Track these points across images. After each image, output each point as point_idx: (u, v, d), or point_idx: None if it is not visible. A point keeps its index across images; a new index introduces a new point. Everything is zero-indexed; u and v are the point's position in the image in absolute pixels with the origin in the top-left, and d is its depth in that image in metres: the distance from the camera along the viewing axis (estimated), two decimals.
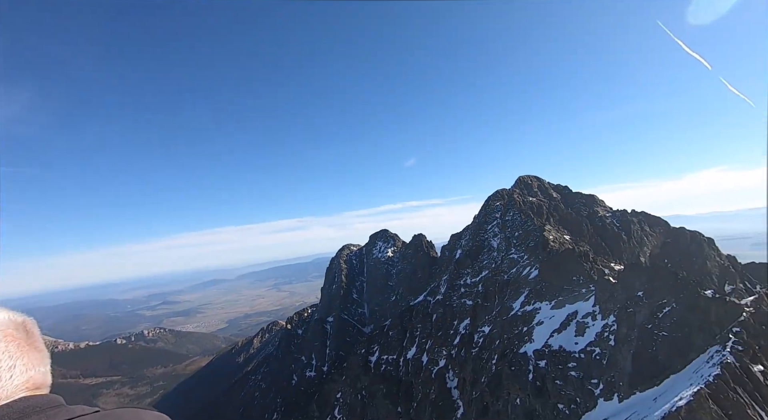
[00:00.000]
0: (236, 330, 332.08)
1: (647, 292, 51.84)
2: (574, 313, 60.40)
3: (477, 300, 79.51)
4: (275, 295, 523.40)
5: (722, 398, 31.42)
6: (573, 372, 52.44)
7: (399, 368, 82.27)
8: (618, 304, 54.27)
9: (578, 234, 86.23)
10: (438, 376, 71.91)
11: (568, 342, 56.71)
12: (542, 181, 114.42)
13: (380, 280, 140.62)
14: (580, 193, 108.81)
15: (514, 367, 57.27)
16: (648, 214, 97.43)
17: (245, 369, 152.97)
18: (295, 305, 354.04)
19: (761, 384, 33.93)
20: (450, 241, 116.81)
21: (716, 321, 44.24)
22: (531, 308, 66.78)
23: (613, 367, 49.28)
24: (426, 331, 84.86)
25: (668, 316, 47.50)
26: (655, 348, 46.18)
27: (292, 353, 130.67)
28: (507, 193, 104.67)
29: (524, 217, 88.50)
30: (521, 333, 63.61)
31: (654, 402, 38.99)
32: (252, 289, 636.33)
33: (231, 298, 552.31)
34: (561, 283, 66.67)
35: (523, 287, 72.96)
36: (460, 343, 73.93)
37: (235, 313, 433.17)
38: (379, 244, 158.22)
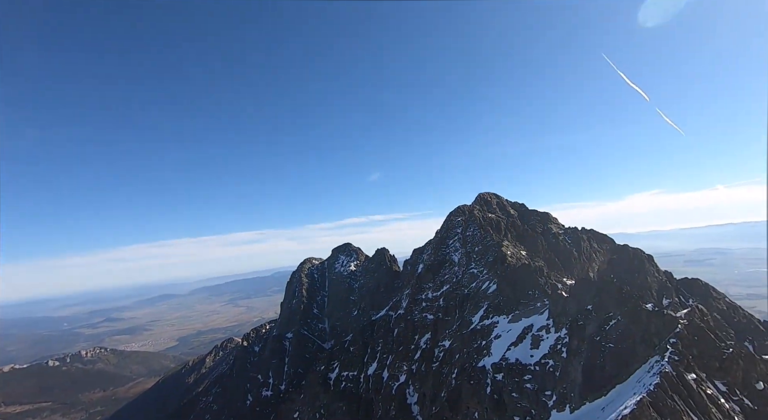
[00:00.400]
0: (187, 348, 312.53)
1: (596, 305, 54.90)
2: (530, 326, 62.59)
3: (438, 314, 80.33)
4: (231, 311, 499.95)
5: (661, 406, 33.56)
6: (528, 384, 54.00)
7: (359, 385, 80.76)
8: (570, 317, 56.95)
9: (534, 250, 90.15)
10: (398, 392, 71.30)
11: (524, 355, 58.48)
12: (501, 198, 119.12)
13: (342, 295, 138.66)
14: (536, 211, 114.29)
15: (473, 382, 58.03)
16: (596, 231, 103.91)
17: (196, 390, 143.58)
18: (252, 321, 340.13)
19: (694, 391, 36.65)
20: (412, 255, 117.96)
21: (656, 332, 47.57)
22: (489, 322, 68.42)
23: (565, 379, 51.29)
24: (387, 346, 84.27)
25: (614, 328, 50.45)
26: (602, 359, 48.72)
27: (248, 372, 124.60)
28: (468, 209, 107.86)
29: (484, 233, 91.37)
30: (480, 347, 64.82)
31: (602, 411, 40.87)
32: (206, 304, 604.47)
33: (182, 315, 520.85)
34: (518, 297, 69.07)
35: (482, 301, 74.75)
36: (421, 357, 74.03)
37: (187, 330, 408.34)
38: (341, 258, 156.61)
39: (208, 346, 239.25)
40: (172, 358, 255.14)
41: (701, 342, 46.52)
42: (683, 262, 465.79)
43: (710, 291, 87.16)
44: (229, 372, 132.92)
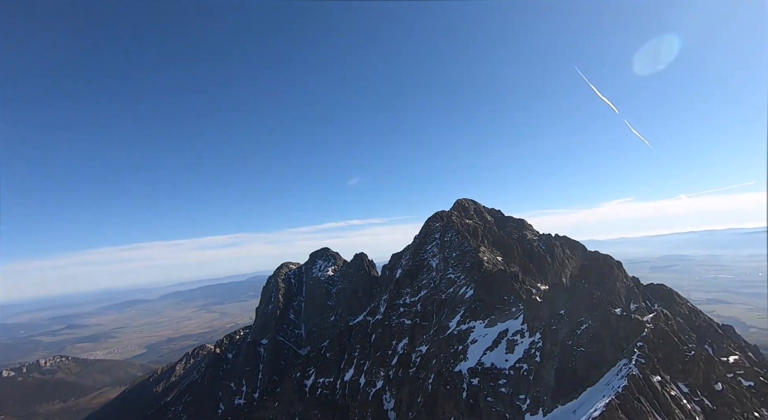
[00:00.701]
0: (156, 356, 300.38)
1: (568, 310, 56.47)
2: (505, 331, 63.65)
3: (415, 319, 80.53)
4: (204, 317, 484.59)
5: (629, 408, 34.74)
6: (503, 388, 54.77)
7: (336, 391, 79.72)
8: (543, 322, 58.30)
9: (510, 255, 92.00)
10: (375, 397, 70.80)
11: (499, 359, 59.35)
12: (478, 205, 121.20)
13: (319, 300, 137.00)
14: (512, 218, 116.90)
15: (449, 386, 58.34)
16: (569, 238, 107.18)
17: (164, 399, 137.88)
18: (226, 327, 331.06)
19: (659, 393, 38.15)
20: (391, 260, 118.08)
21: (624, 336, 49.33)
22: (466, 327, 69.14)
23: (538, 383, 52.34)
24: (364, 352, 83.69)
25: (585, 332, 51.98)
26: (574, 362, 50.05)
27: (220, 379, 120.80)
28: (446, 215, 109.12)
29: (461, 239, 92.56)
30: (457, 352, 65.35)
31: (573, 414, 41.92)
32: (177, 310, 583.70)
33: (151, 321, 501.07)
34: (494, 302, 70.19)
35: (459, 306, 75.50)
36: (398, 363, 73.89)
37: (156, 337, 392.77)
38: (319, 263, 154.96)
39: (178, 353, 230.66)
40: (140, 366, 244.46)
41: (666, 345, 48.57)
42: (649, 269, 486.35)
43: (674, 296, 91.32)
44: (200, 380, 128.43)
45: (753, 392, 50.98)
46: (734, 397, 43.26)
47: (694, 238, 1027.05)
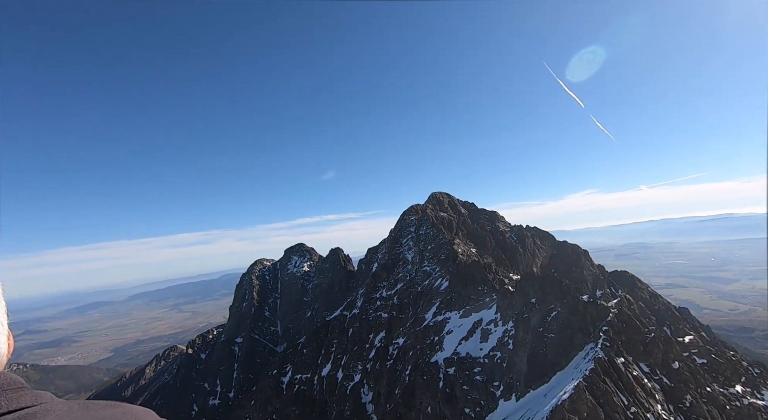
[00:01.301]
0: (124, 359, 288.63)
1: (539, 298, 58.50)
2: (480, 320, 65.27)
3: (392, 312, 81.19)
4: (174, 317, 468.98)
5: (595, 389, 36.52)
6: (478, 376, 56.29)
7: (313, 387, 79.44)
8: (516, 311, 60.17)
9: (483, 247, 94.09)
10: (353, 391, 71.11)
11: (474, 348, 60.87)
12: (452, 198, 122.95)
13: (295, 296, 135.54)
14: (485, 210, 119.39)
15: (426, 377, 59.36)
16: (539, 229, 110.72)
17: (134, 403, 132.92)
18: (198, 327, 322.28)
19: (623, 373, 40.30)
20: (367, 254, 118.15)
21: (591, 321, 51.70)
22: (442, 318, 70.37)
23: (511, 369, 54.14)
24: (342, 347, 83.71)
25: (555, 319, 54.08)
26: (545, 349, 52.04)
27: (194, 381, 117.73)
28: (421, 209, 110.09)
29: (436, 232, 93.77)
30: (433, 343, 66.47)
31: (544, 398, 43.65)
32: (145, 311, 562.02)
33: (118, 323, 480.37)
34: (468, 293, 71.73)
35: (435, 298, 76.69)
36: (376, 356, 74.39)
37: (123, 339, 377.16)
38: (294, 259, 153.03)
39: (148, 355, 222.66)
40: (106, 370, 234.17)
41: (628, 328, 51.26)
42: (614, 257, 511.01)
43: (636, 282, 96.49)
44: (172, 382, 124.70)
45: (706, 369, 54.85)
46: (689, 374, 46.37)
47: (654, 227, 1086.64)
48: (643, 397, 38.75)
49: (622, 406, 36.03)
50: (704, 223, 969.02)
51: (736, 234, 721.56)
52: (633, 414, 35.36)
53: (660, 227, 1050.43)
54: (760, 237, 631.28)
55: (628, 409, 35.84)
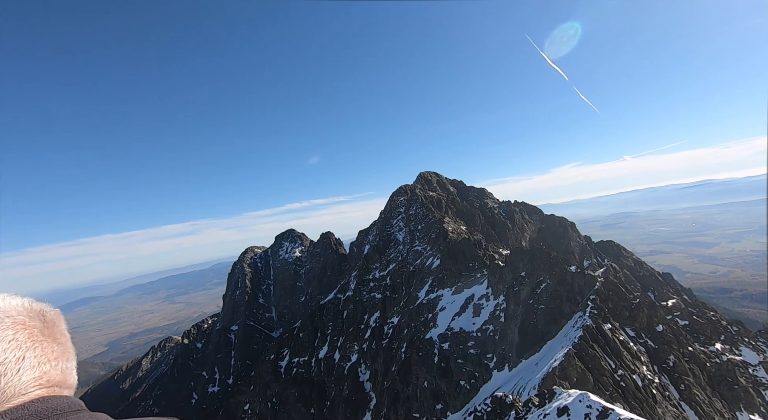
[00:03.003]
0: (119, 353, 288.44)
1: (528, 271, 59.65)
2: (471, 296, 66.48)
3: (386, 293, 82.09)
4: (168, 309, 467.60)
5: (584, 355, 37.81)
6: (472, 350, 57.77)
7: (311, 369, 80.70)
8: (506, 285, 61.36)
9: (472, 224, 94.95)
10: (350, 371, 72.49)
11: (467, 323, 62.21)
12: (440, 177, 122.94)
13: (288, 282, 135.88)
14: (473, 187, 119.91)
15: (421, 353, 60.68)
16: (527, 204, 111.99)
17: (132, 396, 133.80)
18: (192, 317, 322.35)
19: (610, 339, 41.75)
20: (358, 237, 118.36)
21: (579, 291, 53.08)
22: (434, 296, 71.47)
23: (504, 341, 55.63)
24: (337, 329, 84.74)
25: (545, 291, 55.37)
26: (535, 319, 53.45)
27: (191, 370, 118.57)
28: (410, 189, 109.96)
29: (426, 211, 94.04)
30: (427, 320, 67.69)
31: (536, 366, 45.12)
32: (138, 304, 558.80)
33: (110, 317, 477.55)
34: (460, 270, 72.72)
35: (427, 277, 77.62)
36: (371, 336, 75.59)
37: (117, 333, 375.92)
38: (285, 245, 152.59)
39: (143, 348, 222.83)
40: (102, 364, 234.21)
41: (615, 295, 52.82)
42: (600, 227, 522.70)
43: (621, 251, 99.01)
44: (169, 372, 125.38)
45: (688, 330, 57.18)
46: (672, 336, 48.31)
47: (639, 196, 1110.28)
48: (629, 359, 40.32)
49: (610, 369, 37.47)
50: (686, 189, 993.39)
51: (717, 199, 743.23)
52: (620, 376, 36.85)
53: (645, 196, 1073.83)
54: (739, 201, 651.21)
55: (616, 372, 37.31)
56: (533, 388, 36.77)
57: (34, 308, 2.66)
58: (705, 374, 45.93)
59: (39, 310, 2.65)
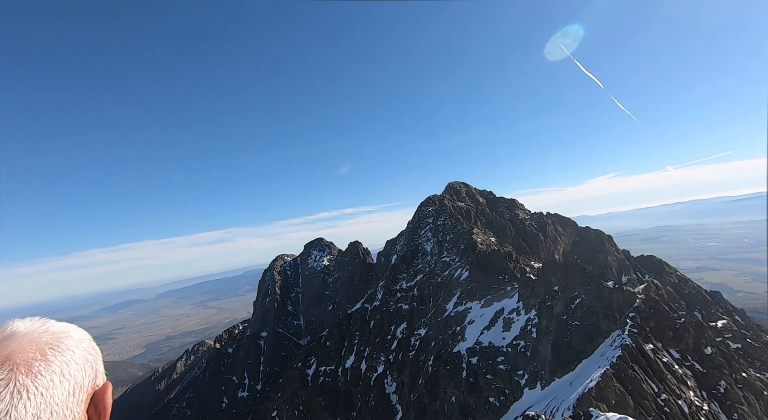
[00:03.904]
0: (156, 355, 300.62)
1: (562, 286, 57.48)
2: (501, 309, 64.74)
3: (413, 304, 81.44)
4: (202, 313, 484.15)
5: (623, 376, 35.80)
6: (501, 366, 56.01)
7: (338, 379, 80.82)
8: (538, 299, 59.35)
9: (502, 235, 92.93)
10: (377, 382, 71.99)
11: (496, 338, 60.51)
12: (470, 187, 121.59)
13: (316, 290, 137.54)
14: (503, 198, 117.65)
15: (449, 367, 59.48)
16: (560, 215, 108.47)
17: (167, 397, 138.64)
18: (224, 322, 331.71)
19: (652, 360, 39.33)
20: (385, 247, 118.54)
21: (617, 308, 50.51)
22: (463, 308, 70.14)
23: (535, 358, 53.60)
24: (364, 339, 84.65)
25: (579, 307, 53.09)
26: (569, 336, 51.24)
27: (222, 374, 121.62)
28: (438, 199, 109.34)
29: (454, 222, 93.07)
30: (455, 333, 66.43)
31: (570, 386, 43.12)
32: (174, 308, 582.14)
33: (149, 320, 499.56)
34: (489, 282, 71.14)
35: (455, 288, 76.43)
36: (398, 347, 74.96)
37: (155, 336, 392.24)
38: (314, 253, 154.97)
39: (178, 351, 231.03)
40: (140, 365, 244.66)
41: (657, 314, 49.85)
42: (639, 241, 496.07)
43: (663, 266, 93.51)
44: (202, 376, 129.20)
45: (740, 354, 52.87)
46: (723, 360, 44.84)
47: (682, 209, 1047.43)
48: (674, 383, 37.78)
49: (652, 393, 35.25)
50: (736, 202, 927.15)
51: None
52: (664, 401, 34.56)
53: (689, 209, 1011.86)
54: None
55: (659, 396, 35.04)
56: (567, 409, 35.11)
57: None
58: (762, 403, 42.16)
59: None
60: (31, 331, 2.81)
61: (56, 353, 2.81)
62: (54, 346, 2.80)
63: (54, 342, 2.81)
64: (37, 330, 2.81)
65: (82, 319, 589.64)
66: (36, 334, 2.81)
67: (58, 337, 2.81)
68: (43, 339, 2.80)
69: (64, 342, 2.82)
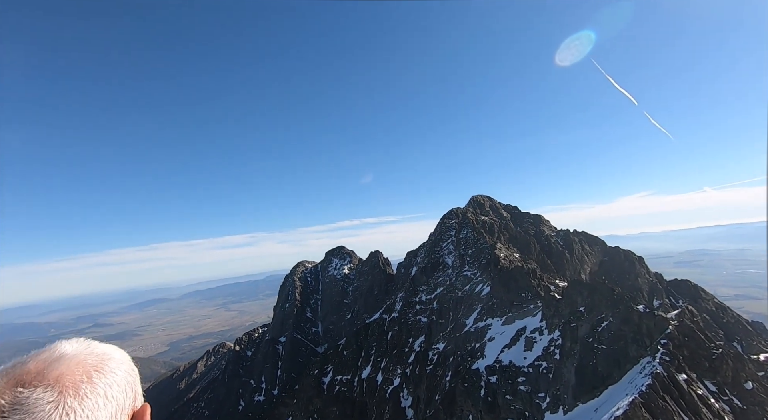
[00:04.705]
0: (178, 353, 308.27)
1: (588, 307, 55.34)
2: (523, 328, 62.87)
3: (432, 317, 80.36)
4: (223, 315, 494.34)
5: (653, 406, 33.87)
6: (522, 386, 54.16)
7: (353, 389, 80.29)
8: (562, 319, 57.31)
9: (527, 252, 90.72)
10: (392, 395, 71.03)
11: (517, 357, 58.69)
12: (494, 201, 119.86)
13: (336, 298, 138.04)
14: (528, 214, 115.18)
15: (467, 384, 58.05)
16: (588, 233, 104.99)
17: (187, 396, 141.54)
18: (245, 325, 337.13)
19: (685, 391, 37.06)
20: (406, 258, 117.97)
21: (647, 333, 48.07)
22: (483, 324, 68.60)
23: (558, 380, 51.55)
24: (381, 350, 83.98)
25: (606, 330, 50.89)
26: (595, 360, 49.07)
27: (240, 377, 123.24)
28: (461, 212, 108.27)
29: (477, 235, 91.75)
30: (474, 349, 64.92)
31: (595, 413, 41.16)
32: (197, 308, 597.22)
33: (173, 319, 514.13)
34: (511, 299, 69.40)
35: (476, 304, 74.96)
36: (415, 360, 73.89)
37: (178, 335, 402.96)
38: (335, 261, 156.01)
39: (199, 351, 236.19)
40: (163, 363, 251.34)
41: (691, 342, 47.08)
42: (673, 264, 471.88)
43: (699, 292, 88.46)
44: (221, 377, 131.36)
45: None
46: (765, 396, 41.71)
47: (721, 232, 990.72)
48: (709, 418, 35.41)
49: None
50: None
51: None
52: None
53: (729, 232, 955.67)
54: None
55: None
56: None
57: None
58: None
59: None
60: (77, 353, 2.90)
61: (101, 375, 2.91)
62: (99, 369, 2.90)
63: (99, 364, 2.90)
64: (83, 352, 2.90)
65: (112, 315, 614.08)
66: (82, 356, 2.90)
67: (102, 359, 2.90)
68: (89, 361, 2.89)
69: (108, 364, 2.91)
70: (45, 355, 2.90)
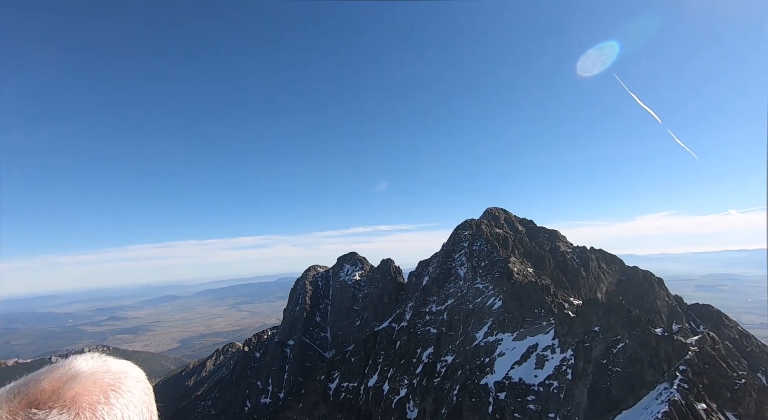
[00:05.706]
0: (189, 350, 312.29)
1: (603, 327, 53.82)
2: (535, 345, 61.49)
3: (441, 328, 79.44)
4: (234, 315, 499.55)
5: None
6: (531, 405, 52.80)
7: (359, 396, 79.70)
8: (576, 338, 55.85)
9: (541, 267, 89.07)
10: (398, 405, 70.19)
11: (528, 374, 57.34)
12: (509, 214, 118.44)
13: (346, 304, 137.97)
14: (544, 228, 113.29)
15: (474, 399, 56.95)
16: (605, 252, 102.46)
17: (194, 393, 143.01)
18: (255, 326, 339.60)
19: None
20: (418, 267, 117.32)
21: (665, 358, 46.37)
22: (494, 339, 67.40)
23: (569, 401, 50.08)
24: (389, 359, 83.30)
25: (622, 352, 49.32)
26: (609, 383, 47.54)
27: (248, 377, 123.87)
28: (475, 224, 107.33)
29: (491, 248, 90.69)
30: (483, 364, 63.76)
31: None
32: (209, 307, 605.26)
33: (186, 317, 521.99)
34: (523, 315, 68.08)
35: (487, 317, 73.81)
36: (423, 372, 72.99)
37: (189, 332, 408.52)
38: (346, 267, 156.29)
39: (209, 349, 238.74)
40: (173, 359, 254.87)
41: (712, 370, 45.19)
42: (694, 287, 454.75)
43: (722, 318, 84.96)
44: (228, 377, 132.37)
45: None
46: None
47: (747, 257, 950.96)
48: None
49: None
50: None
51: None
52: None
53: (755, 258, 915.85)
54: None
55: None
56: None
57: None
58: None
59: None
60: (94, 371, 2.81)
61: (117, 396, 2.84)
62: (115, 388, 2.83)
63: (115, 383, 2.83)
64: (100, 370, 2.82)
65: (127, 309, 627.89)
66: (99, 375, 2.82)
67: (119, 377, 2.84)
68: (105, 380, 2.81)
69: (125, 383, 2.85)
70: (60, 373, 2.78)
